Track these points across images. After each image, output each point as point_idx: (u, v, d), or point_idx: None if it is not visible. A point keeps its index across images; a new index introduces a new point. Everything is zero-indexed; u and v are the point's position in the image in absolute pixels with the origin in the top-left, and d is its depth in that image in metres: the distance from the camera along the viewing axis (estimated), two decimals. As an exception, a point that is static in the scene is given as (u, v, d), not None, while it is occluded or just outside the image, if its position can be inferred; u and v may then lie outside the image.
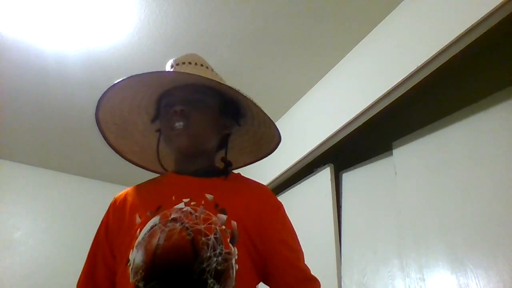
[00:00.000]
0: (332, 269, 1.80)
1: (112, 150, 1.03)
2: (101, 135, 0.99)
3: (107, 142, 1.01)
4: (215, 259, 0.73)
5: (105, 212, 0.94)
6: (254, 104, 0.92)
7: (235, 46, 1.99)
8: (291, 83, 2.25)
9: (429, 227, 1.55)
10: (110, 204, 0.95)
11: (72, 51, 1.99)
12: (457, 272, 1.37)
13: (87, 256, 0.92)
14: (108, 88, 0.91)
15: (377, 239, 1.75)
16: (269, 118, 0.95)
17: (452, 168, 1.57)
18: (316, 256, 1.91)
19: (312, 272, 0.90)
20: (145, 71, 2.25)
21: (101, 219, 0.94)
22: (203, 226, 0.77)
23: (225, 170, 0.95)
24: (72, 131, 2.56)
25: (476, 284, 1.30)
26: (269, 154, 1.07)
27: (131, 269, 0.76)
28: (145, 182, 0.98)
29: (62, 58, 2.02)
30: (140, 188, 0.95)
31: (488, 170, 1.44)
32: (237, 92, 0.90)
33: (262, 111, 0.93)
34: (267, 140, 1.03)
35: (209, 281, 0.71)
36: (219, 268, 0.73)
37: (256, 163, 1.12)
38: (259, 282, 0.86)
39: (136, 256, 0.76)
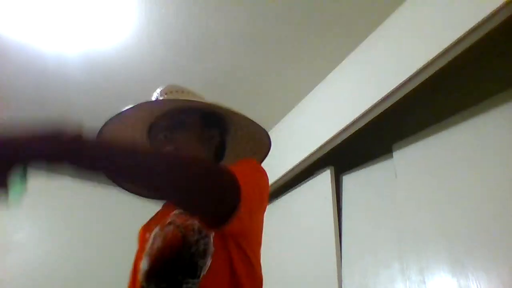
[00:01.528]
0: (332, 271, 1.79)
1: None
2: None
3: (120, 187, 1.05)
4: (202, 241, 0.79)
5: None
6: (221, 108, 0.96)
7: (235, 48, 1.99)
8: (291, 86, 2.25)
9: (429, 229, 1.54)
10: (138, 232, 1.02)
11: (72, 53, 1.99)
12: (458, 274, 1.37)
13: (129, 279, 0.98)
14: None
15: (377, 242, 1.75)
16: (241, 114, 0.98)
17: (452, 171, 1.57)
18: (316, 258, 1.90)
19: (313, 274, 0.90)
20: (145, 72, 2.26)
21: (101, 221, 0.98)
22: (191, 220, 0.83)
23: None
24: (72, 133, 2.56)
25: (477, 287, 1.29)
26: (269, 148, 1.09)
27: (140, 274, 0.84)
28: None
29: (62, 59, 2.02)
30: (155, 212, 1.02)
31: (489, 172, 1.43)
32: (201, 103, 0.95)
33: (233, 111, 0.97)
34: (260, 135, 1.06)
35: (199, 262, 0.77)
36: (205, 248, 0.78)
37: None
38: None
39: (143, 263, 0.85)
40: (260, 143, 1.07)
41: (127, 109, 0.94)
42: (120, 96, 2.26)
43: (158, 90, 1.01)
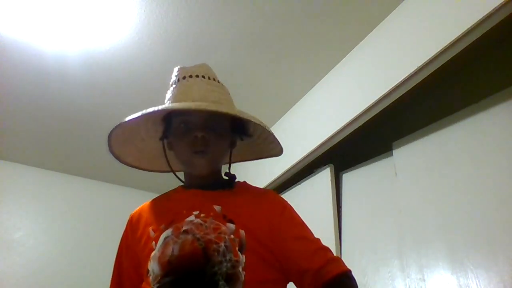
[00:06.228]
0: (332, 269, 1.79)
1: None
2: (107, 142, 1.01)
3: (109, 149, 1.03)
4: (225, 264, 0.78)
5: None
6: (262, 126, 0.94)
7: (235, 46, 1.99)
8: (291, 84, 2.25)
9: (429, 227, 1.54)
10: (127, 222, 1.00)
11: (72, 52, 1.99)
12: (458, 272, 1.37)
13: (112, 274, 0.98)
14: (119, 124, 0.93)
15: (377, 240, 1.75)
16: (273, 136, 0.98)
17: (452, 169, 1.57)
18: (316, 256, 1.90)
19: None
20: (145, 72, 2.23)
21: (101, 220, 0.96)
22: (213, 236, 0.82)
23: (230, 183, 0.98)
24: (72, 132, 2.56)
25: (477, 285, 1.30)
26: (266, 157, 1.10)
27: (151, 278, 0.82)
28: (156, 198, 1.02)
29: (62, 58, 2.02)
30: (153, 204, 1.00)
31: (488, 170, 1.44)
32: (252, 119, 0.91)
33: (268, 131, 0.96)
34: (266, 150, 1.07)
35: (220, 283, 0.76)
36: (229, 272, 0.77)
37: (257, 164, 1.13)
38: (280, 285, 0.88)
39: (153, 266, 0.83)
40: (261, 154, 1.08)
41: (169, 106, 0.89)
42: (121, 95, 2.27)
43: (194, 70, 0.96)
